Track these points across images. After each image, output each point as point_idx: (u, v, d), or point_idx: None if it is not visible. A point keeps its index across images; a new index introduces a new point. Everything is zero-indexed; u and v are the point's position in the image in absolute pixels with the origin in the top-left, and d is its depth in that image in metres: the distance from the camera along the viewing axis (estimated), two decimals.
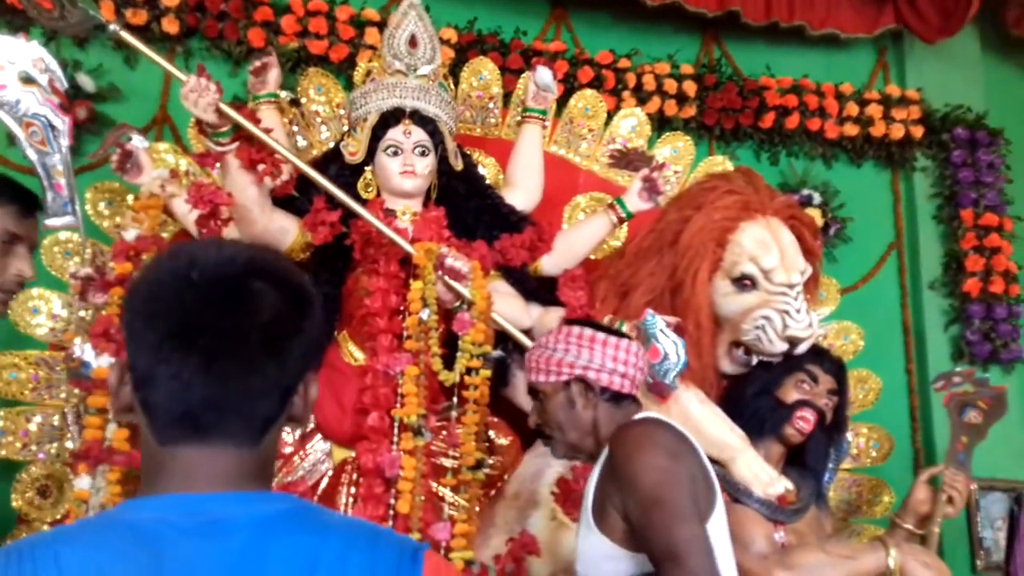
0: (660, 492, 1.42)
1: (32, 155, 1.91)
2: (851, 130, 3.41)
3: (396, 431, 2.03)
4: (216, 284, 0.86)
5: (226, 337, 0.85)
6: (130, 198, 2.39)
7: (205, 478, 0.85)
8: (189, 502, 0.85)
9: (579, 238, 2.53)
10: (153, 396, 0.86)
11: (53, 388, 2.32)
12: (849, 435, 2.72)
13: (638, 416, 1.61)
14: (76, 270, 2.08)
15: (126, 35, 1.99)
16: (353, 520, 1.01)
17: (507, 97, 2.86)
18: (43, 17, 1.85)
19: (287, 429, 2.07)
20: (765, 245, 2.39)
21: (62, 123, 1.90)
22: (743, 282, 2.38)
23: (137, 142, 2.19)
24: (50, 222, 1.98)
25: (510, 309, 2.30)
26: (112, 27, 1.94)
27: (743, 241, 2.40)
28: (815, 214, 3.19)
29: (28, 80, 1.86)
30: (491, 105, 2.83)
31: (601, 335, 1.68)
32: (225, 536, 0.83)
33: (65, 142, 1.92)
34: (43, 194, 1.95)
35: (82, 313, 2.15)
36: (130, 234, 2.11)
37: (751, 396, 2.41)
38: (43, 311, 2.33)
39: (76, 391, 2.19)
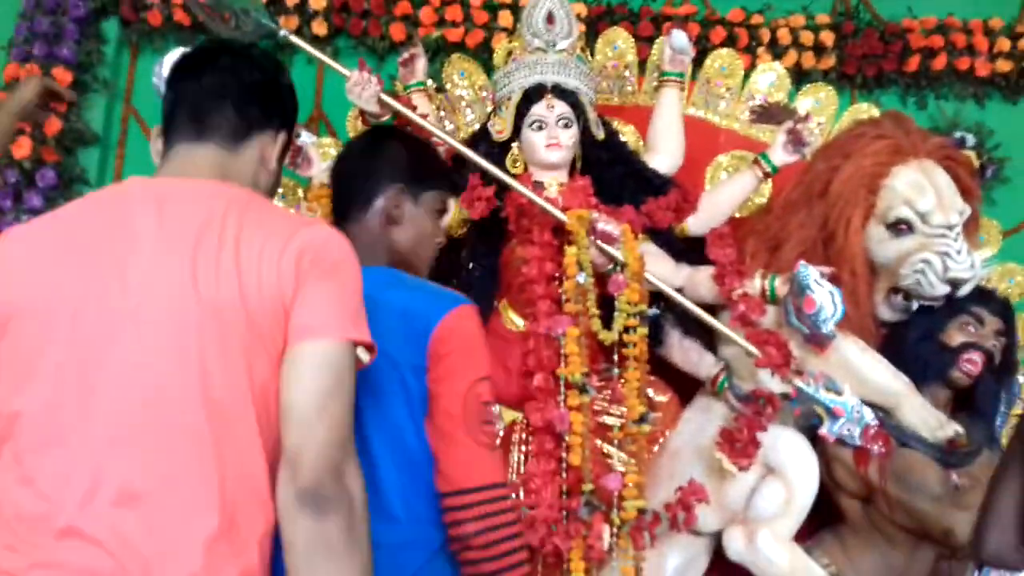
0: None
1: None
2: (1004, 66, 3.26)
3: (562, 390, 2.13)
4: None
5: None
6: (300, 191, 2.60)
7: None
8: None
9: (724, 196, 2.55)
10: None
11: None
12: (1021, 378, 2.63)
13: None
14: None
15: (295, 39, 2.16)
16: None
17: (641, 65, 2.90)
18: (221, 28, 2.03)
19: None
20: (920, 187, 2.36)
21: None
22: (899, 227, 2.36)
23: (306, 138, 2.38)
24: None
25: (661, 269, 2.36)
26: (283, 32, 2.11)
27: (896, 185, 2.37)
28: (970, 156, 3.08)
29: None
30: (627, 73, 2.88)
31: None
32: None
33: None
34: None
35: None
36: None
37: (913, 342, 2.38)
38: None
39: None
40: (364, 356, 1.21)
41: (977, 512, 1.62)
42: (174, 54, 1.99)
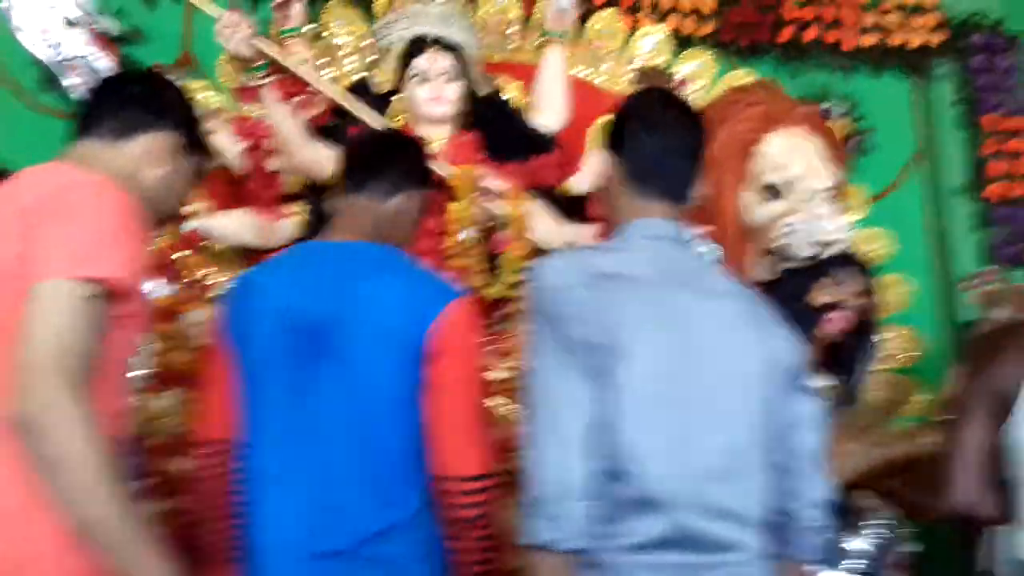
0: None
1: (78, 96, 1.96)
2: (869, 40, 3.41)
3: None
4: None
5: None
6: None
7: None
8: None
9: None
10: None
11: None
12: (879, 337, 2.78)
13: None
14: None
15: None
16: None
17: (526, 20, 2.87)
18: None
19: None
20: (790, 154, 2.42)
21: (106, 63, 1.95)
22: (770, 192, 2.42)
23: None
24: None
25: (546, 225, 2.36)
26: None
27: (767, 152, 2.43)
28: (837, 126, 3.22)
29: (70, 24, 1.91)
30: (510, 30, 2.84)
31: None
32: None
33: None
34: None
35: None
36: None
37: (780, 302, 2.44)
38: None
39: None
40: (83, 290, 1.22)
41: (941, 463, 1.70)
42: None
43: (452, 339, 1.48)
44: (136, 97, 1.48)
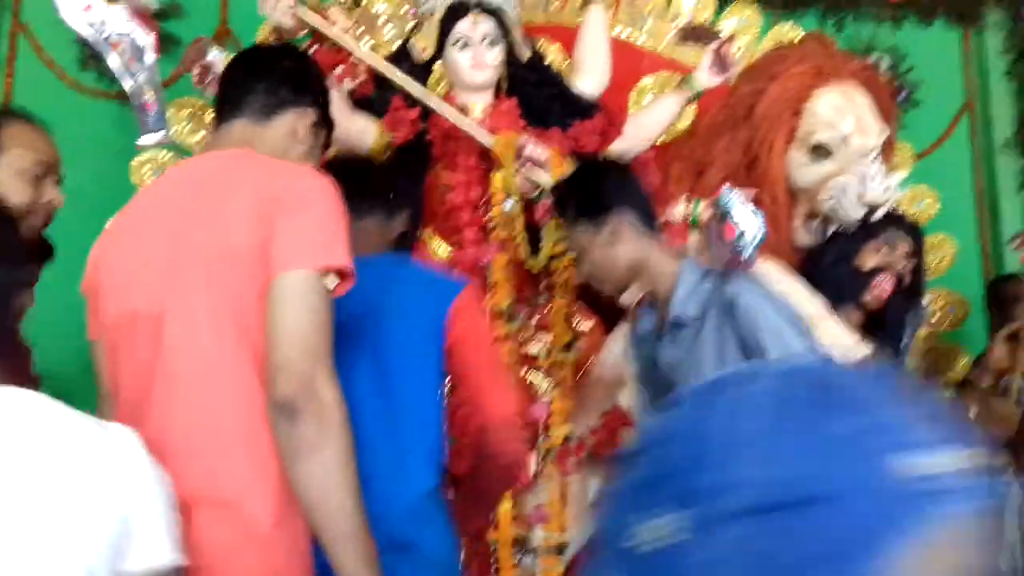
0: None
1: (121, 74, 1.96)
2: None
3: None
4: None
5: None
6: (209, 113, 2.45)
7: None
8: None
9: (650, 121, 2.53)
10: None
11: None
12: (925, 300, 2.74)
13: None
14: None
15: None
16: None
17: None
18: None
19: None
20: (841, 111, 2.38)
21: (147, 39, 1.94)
22: (819, 151, 2.38)
23: (215, 55, 2.23)
24: (143, 140, 2.05)
25: None
26: None
27: (818, 109, 2.39)
28: (889, 78, 3.14)
29: (111, 0, 1.90)
30: None
31: None
32: None
33: (151, 58, 1.97)
34: (135, 113, 2.01)
35: None
36: None
37: (828, 266, 2.43)
38: None
39: None
40: (328, 280, 1.27)
41: None
42: None
43: (467, 314, 1.68)
44: (285, 73, 1.47)
